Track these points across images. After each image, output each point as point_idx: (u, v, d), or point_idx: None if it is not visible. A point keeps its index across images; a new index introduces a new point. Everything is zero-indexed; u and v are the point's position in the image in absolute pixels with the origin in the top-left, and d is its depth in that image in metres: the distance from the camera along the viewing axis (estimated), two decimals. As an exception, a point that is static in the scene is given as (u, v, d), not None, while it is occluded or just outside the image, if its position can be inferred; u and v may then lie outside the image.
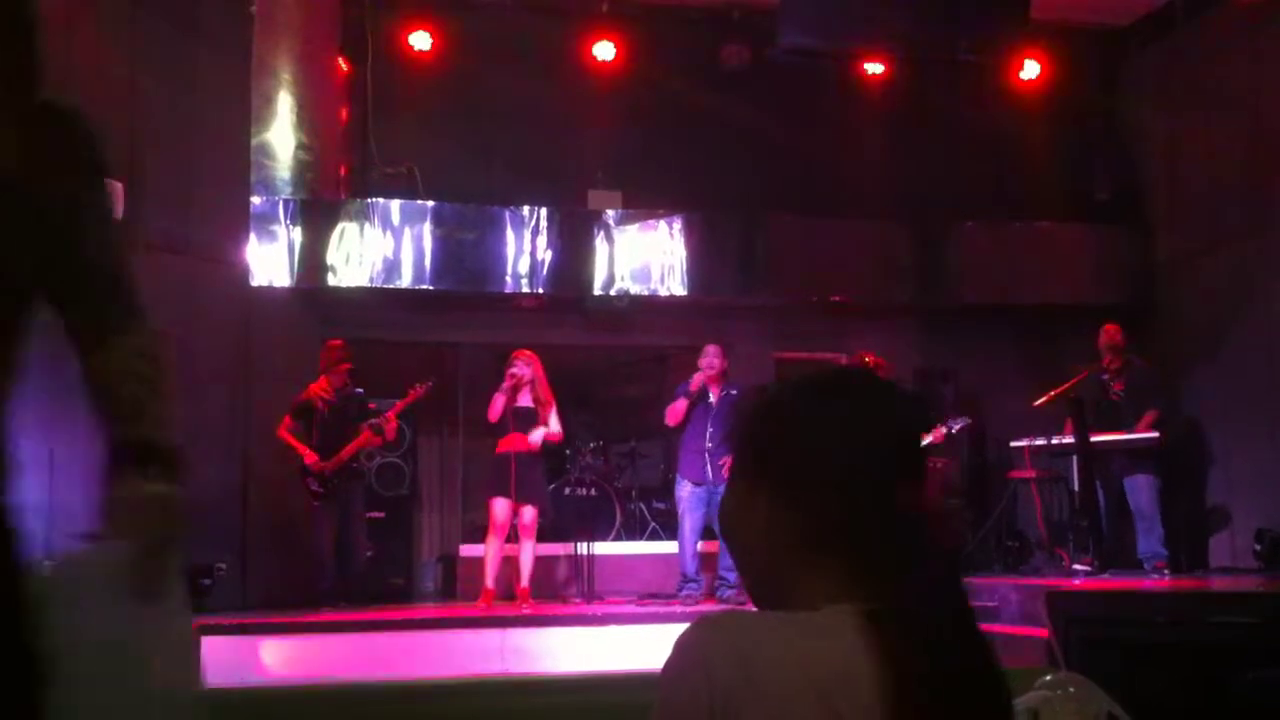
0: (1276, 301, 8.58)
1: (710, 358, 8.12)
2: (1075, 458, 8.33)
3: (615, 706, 2.13)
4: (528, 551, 7.94)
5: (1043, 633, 5.45)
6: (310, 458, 7.94)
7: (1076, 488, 8.37)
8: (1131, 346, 8.49)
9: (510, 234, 9.24)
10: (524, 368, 8.04)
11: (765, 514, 1.33)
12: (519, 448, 7.90)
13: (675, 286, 9.49)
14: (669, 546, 8.68)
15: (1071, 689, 1.71)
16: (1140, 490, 8.17)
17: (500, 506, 7.89)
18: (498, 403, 7.98)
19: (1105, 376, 8.41)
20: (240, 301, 8.77)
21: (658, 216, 9.54)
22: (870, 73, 9.96)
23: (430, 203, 9.26)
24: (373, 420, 8.04)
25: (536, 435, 7.98)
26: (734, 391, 8.17)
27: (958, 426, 8.29)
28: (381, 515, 9.24)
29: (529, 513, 7.92)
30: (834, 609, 1.24)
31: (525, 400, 8.05)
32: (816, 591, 1.28)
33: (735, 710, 1.17)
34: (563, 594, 8.69)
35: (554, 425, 8.13)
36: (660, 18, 10.02)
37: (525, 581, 7.88)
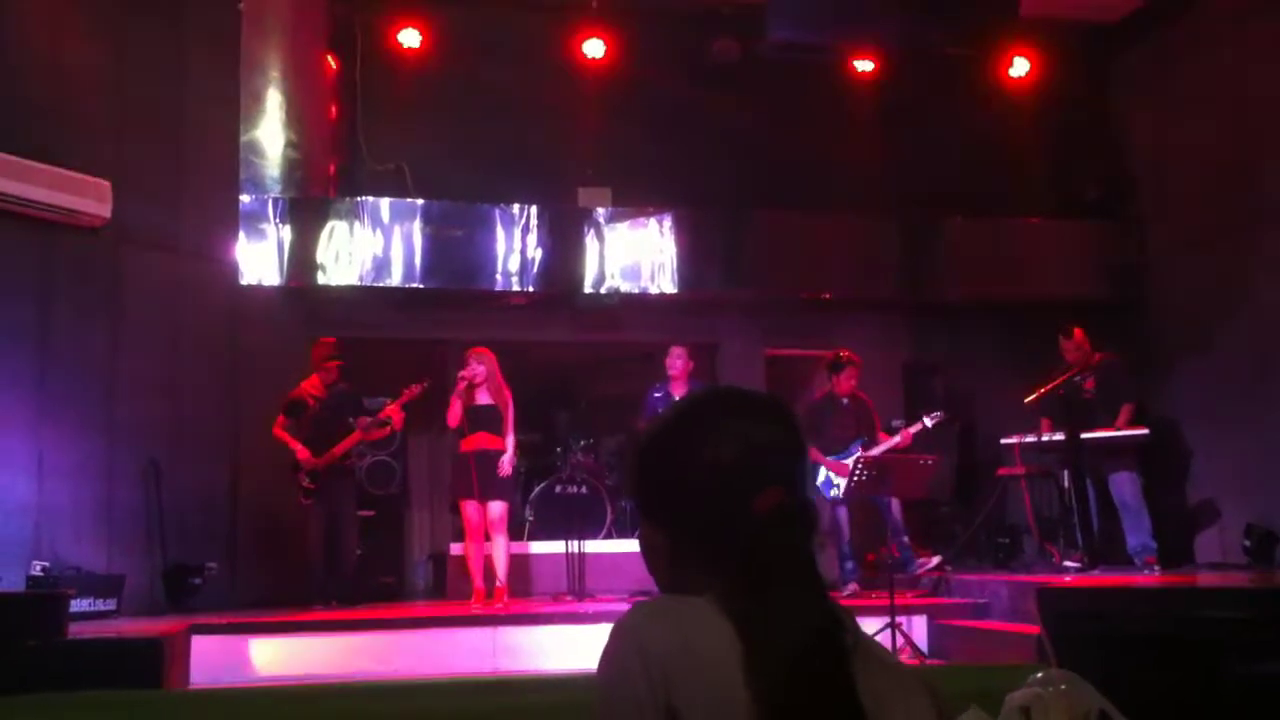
0: (1264, 296, 8.60)
1: (674, 359, 8.12)
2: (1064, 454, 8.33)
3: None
4: (500, 548, 7.90)
5: (1033, 629, 5.47)
6: (302, 453, 7.93)
7: (1066, 484, 8.38)
8: (1108, 343, 8.50)
9: (500, 231, 9.23)
10: (476, 365, 7.97)
11: (649, 537, 1.43)
12: (479, 447, 7.86)
13: (665, 284, 9.48)
14: (660, 544, 8.66)
15: (1063, 686, 1.71)
16: (1123, 486, 8.17)
17: (469, 508, 7.88)
18: (455, 407, 7.94)
19: (1077, 377, 8.39)
20: (229, 300, 8.74)
21: (647, 214, 9.53)
22: (860, 69, 9.95)
23: (420, 200, 9.25)
24: (376, 416, 8.05)
25: (506, 461, 7.87)
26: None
27: (933, 421, 8.25)
28: (372, 514, 9.24)
29: (495, 508, 7.87)
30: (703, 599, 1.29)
31: (484, 398, 8.00)
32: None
33: (674, 681, 1.20)
34: (553, 592, 8.67)
35: (511, 425, 8.04)
36: (649, 14, 9.99)
37: (501, 579, 7.86)
